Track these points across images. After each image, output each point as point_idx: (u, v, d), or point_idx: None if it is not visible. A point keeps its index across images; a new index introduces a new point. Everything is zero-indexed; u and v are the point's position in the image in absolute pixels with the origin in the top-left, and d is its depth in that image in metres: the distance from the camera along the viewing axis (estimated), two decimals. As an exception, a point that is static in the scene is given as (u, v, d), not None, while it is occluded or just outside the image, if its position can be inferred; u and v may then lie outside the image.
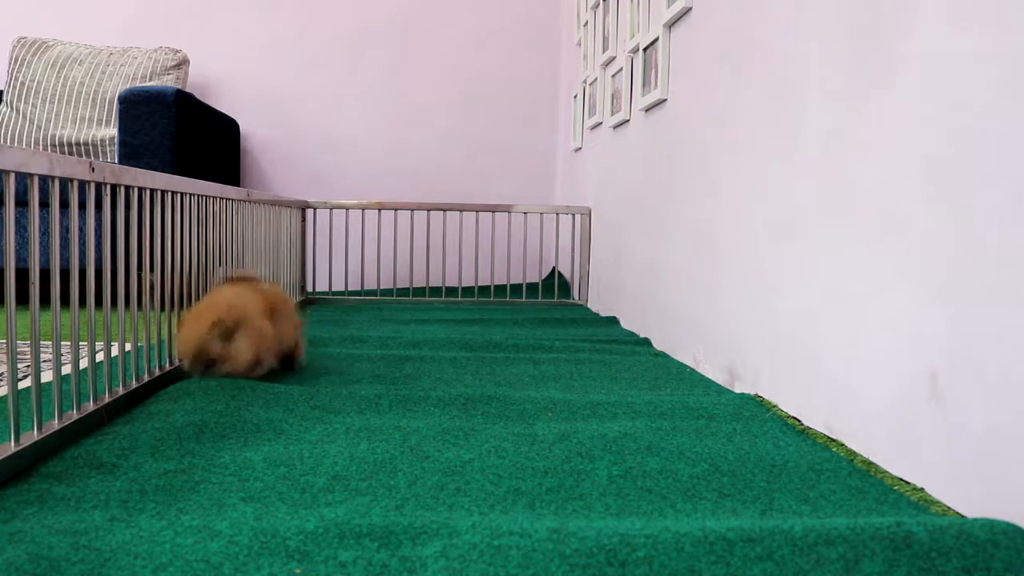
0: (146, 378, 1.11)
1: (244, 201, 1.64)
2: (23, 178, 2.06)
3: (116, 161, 2.47)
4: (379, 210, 2.52)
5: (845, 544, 0.59)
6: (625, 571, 0.57)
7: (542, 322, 2.06)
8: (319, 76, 3.12)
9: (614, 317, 2.10)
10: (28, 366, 1.28)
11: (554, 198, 3.21)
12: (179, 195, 1.24)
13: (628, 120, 1.97)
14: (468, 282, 3.15)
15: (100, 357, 1.42)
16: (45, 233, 2.23)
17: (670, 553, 0.59)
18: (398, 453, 0.87)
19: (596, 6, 2.37)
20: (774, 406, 1.10)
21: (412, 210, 2.48)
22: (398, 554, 0.60)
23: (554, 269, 2.89)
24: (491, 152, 3.20)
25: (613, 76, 2.13)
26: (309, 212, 2.98)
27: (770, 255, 1.14)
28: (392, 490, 0.75)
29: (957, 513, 0.72)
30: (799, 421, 1.04)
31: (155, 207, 1.15)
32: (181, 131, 2.34)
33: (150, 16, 3.05)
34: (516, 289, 3.03)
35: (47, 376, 1.23)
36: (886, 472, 0.83)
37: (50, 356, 1.30)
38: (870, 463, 0.86)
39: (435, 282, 3.14)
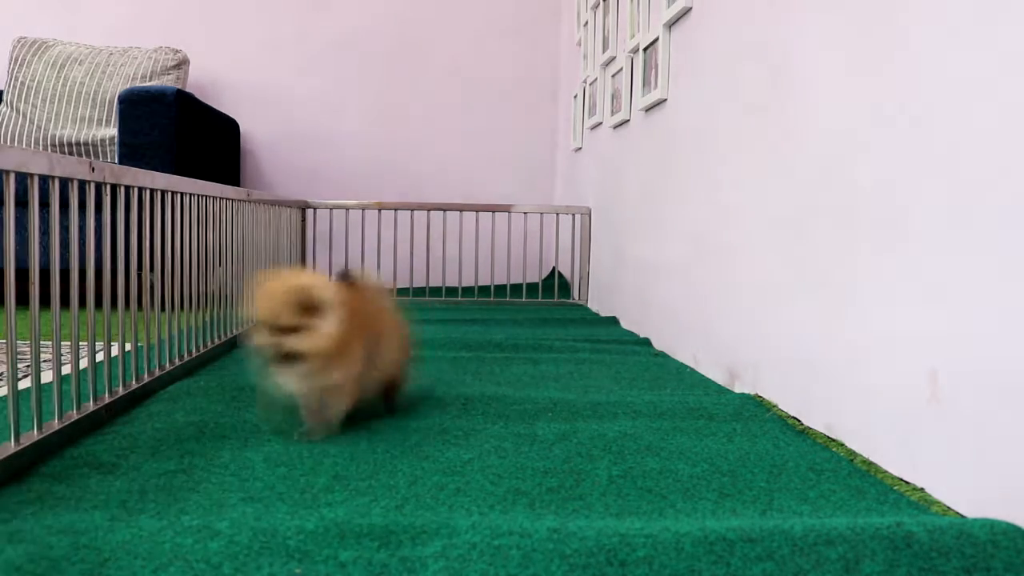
0: (146, 378, 1.11)
1: (244, 201, 1.64)
2: (23, 178, 2.06)
3: (116, 161, 2.47)
4: (379, 210, 2.52)
5: (845, 544, 0.59)
6: (625, 571, 0.57)
7: (542, 322, 2.06)
8: (319, 76, 3.12)
9: (614, 317, 2.10)
10: (28, 366, 1.28)
11: (554, 198, 3.21)
12: (179, 195, 1.24)
13: (628, 120, 1.97)
14: (468, 282, 3.15)
15: (100, 357, 1.42)
16: (45, 233, 2.23)
17: (670, 553, 0.59)
18: (398, 453, 0.87)
19: (596, 6, 2.37)
20: (774, 406, 1.10)
21: (412, 210, 2.48)
22: (398, 554, 0.60)
23: (554, 269, 2.89)
24: (491, 152, 3.20)
25: (613, 76, 2.13)
26: (309, 212, 2.98)
27: (770, 255, 1.14)
28: (392, 490, 0.75)
29: (957, 513, 0.72)
30: (799, 421, 1.04)
31: (155, 207, 1.15)
32: (181, 131, 2.34)
33: (150, 16, 3.05)
34: (516, 289, 3.03)
35: (47, 376, 1.23)
36: (886, 472, 0.83)
37: (50, 356, 1.30)
38: (870, 463, 0.86)
39: (435, 282, 3.14)
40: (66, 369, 1.23)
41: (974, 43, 0.72)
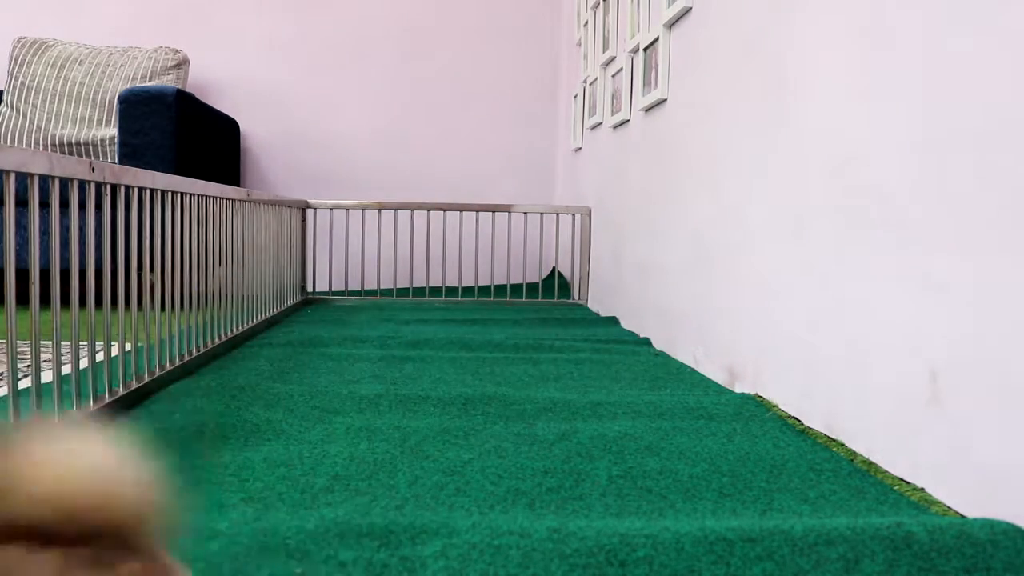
0: (146, 378, 1.11)
1: (244, 201, 1.64)
2: (23, 178, 2.06)
3: (116, 161, 2.47)
4: (379, 210, 2.52)
5: (845, 544, 0.59)
6: (625, 571, 0.57)
7: (542, 322, 2.06)
8: (319, 76, 3.12)
9: (614, 317, 2.10)
10: (28, 366, 1.28)
11: (554, 198, 3.21)
12: (179, 195, 1.24)
13: (628, 120, 1.97)
14: (468, 282, 3.15)
15: (100, 357, 1.42)
16: (45, 233, 2.23)
17: (670, 553, 0.59)
18: (398, 453, 0.87)
19: (596, 6, 2.37)
20: (774, 406, 1.10)
21: (412, 210, 2.48)
22: (398, 554, 0.60)
23: (554, 269, 2.89)
24: (491, 152, 3.20)
25: (613, 76, 2.13)
26: (309, 212, 2.98)
27: (770, 255, 1.14)
28: (392, 490, 0.75)
29: (957, 513, 0.72)
30: (799, 421, 1.04)
31: (155, 207, 1.15)
32: (181, 131, 2.34)
33: (150, 16, 3.05)
34: (516, 289, 3.03)
35: (47, 376, 1.23)
36: (886, 472, 0.83)
37: (50, 356, 1.30)
38: (870, 463, 0.86)
39: (435, 282, 3.14)
40: (66, 369, 1.23)
41: (973, 40, 0.72)
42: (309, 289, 2.73)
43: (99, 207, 2.26)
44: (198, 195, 1.33)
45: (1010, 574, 0.57)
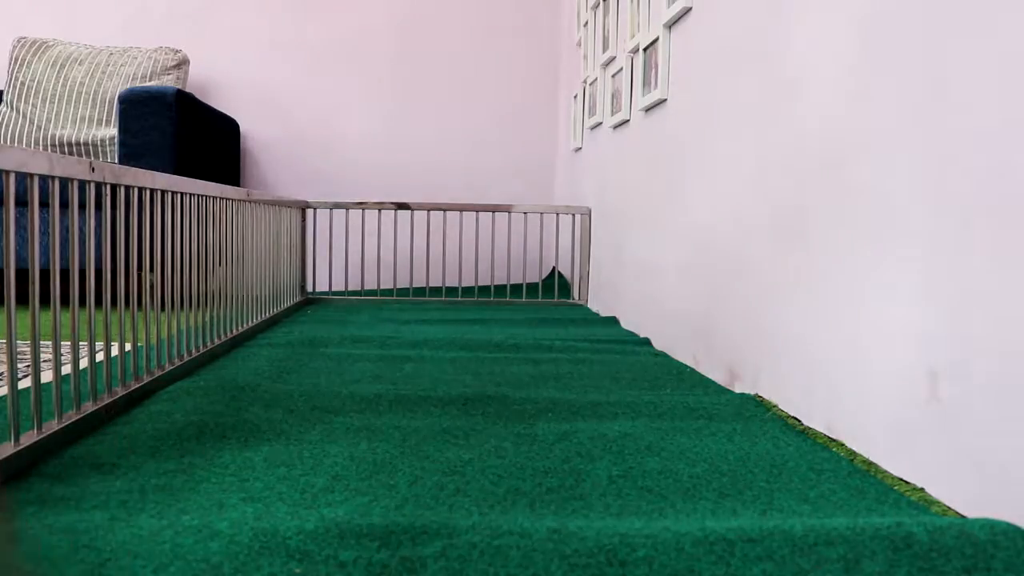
0: (146, 378, 1.11)
1: (244, 201, 1.64)
2: (23, 178, 2.06)
3: (116, 161, 2.47)
4: (379, 210, 2.52)
5: (845, 544, 0.59)
6: (625, 571, 0.57)
7: (542, 322, 2.06)
8: (319, 76, 3.12)
9: (614, 317, 2.10)
10: (28, 366, 1.28)
11: (554, 198, 3.21)
12: (179, 195, 1.24)
13: (628, 120, 1.97)
14: (468, 282, 3.15)
15: (100, 357, 1.42)
16: (45, 233, 2.23)
17: (670, 553, 0.59)
18: (398, 453, 0.87)
19: (596, 6, 2.37)
20: (774, 406, 1.10)
21: (412, 210, 2.48)
22: (398, 554, 0.60)
23: (554, 269, 2.89)
24: (491, 152, 3.20)
25: (613, 76, 2.13)
26: (309, 212, 2.98)
27: (770, 255, 1.14)
28: (392, 490, 0.75)
29: (957, 513, 0.72)
30: (799, 421, 1.04)
31: (155, 207, 1.15)
32: (181, 131, 2.34)
33: (150, 16, 3.06)
34: (516, 289, 3.03)
35: (47, 376, 1.23)
36: (886, 472, 0.83)
37: (50, 356, 1.30)
38: (870, 463, 0.86)
39: (435, 282, 3.14)
40: (66, 369, 1.23)
41: (974, 41, 0.72)
42: (309, 289, 2.73)
43: (99, 207, 2.26)
44: (198, 195, 1.33)
45: (1010, 574, 0.57)
